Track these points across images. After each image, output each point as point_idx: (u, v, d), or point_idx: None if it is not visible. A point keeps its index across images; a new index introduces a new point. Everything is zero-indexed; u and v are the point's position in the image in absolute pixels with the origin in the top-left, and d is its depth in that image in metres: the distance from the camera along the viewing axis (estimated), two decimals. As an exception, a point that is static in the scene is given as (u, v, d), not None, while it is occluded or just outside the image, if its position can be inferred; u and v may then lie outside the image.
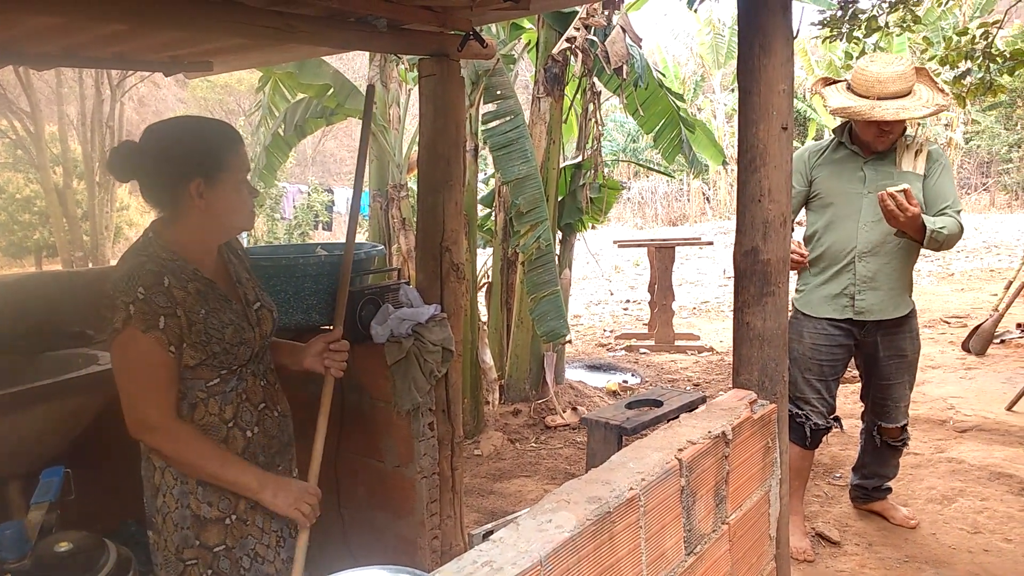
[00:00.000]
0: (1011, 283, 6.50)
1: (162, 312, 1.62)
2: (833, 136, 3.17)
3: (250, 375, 1.83)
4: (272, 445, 1.87)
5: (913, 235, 2.87)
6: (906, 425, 3.26)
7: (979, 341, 6.31)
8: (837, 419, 3.28)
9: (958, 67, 5.25)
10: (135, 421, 1.64)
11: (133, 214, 18.06)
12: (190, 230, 1.73)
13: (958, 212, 2.98)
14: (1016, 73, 5.09)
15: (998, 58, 4.94)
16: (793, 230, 2.15)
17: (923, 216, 2.81)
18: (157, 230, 1.73)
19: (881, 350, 3.14)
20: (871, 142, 3.02)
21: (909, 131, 3.11)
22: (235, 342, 1.75)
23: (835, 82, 3.15)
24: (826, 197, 3.10)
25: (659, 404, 3.53)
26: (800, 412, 3.17)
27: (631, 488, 1.34)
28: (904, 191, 2.75)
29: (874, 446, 3.33)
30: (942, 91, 3.00)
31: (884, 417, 3.24)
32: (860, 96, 2.96)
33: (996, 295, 7.03)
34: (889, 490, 3.48)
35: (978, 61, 5.02)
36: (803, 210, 3.26)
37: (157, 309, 1.62)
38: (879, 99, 2.91)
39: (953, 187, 3.05)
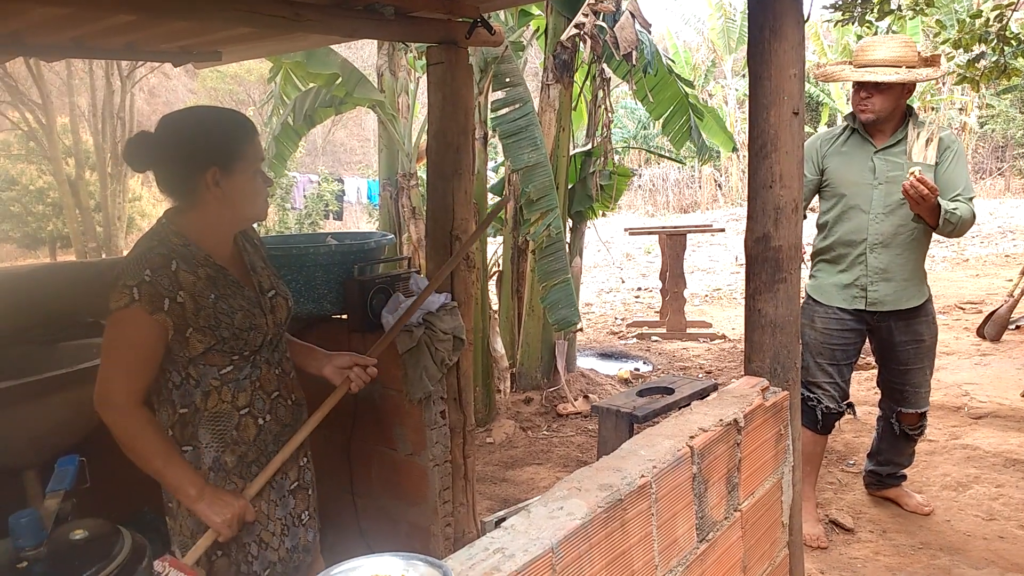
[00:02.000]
0: (1026, 268, 6.44)
1: (167, 295, 1.63)
2: (844, 123, 3.15)
3: (264, 363, 1.84)
4: (284, 433, 1.88)
5: (929, 218, 2.86)
6: (926, 412, 3.23)
7: (994, 327, 6.26)
8: (851, 405, 3.26)
9: (972, 50, 5.19)
10: (100, 395, 1.66)
11: (145, 204, 18.15)
12: (205, 219, 1.74)
13: (971, 199, 2.95)
14: (1031, 56, 5.03)
15: (1012, 41, 4.88)
16: (805, 217, 2.13)
17: (937, 198, 2.80)
18: (171, 217, 1.75)
19: (896, 335, 3.12)
20: (856, 111, 3.03)
21: (922, 118, 3.08)
22: (245, 327, 1.75)
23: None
24: (837, 187, 3.08)
25: (670, 392, 3.52)
26: (812, 396, 3.15)
27: (642, 475, 1.34)
28: (917, 176, 2.75)
29: (892, 434, 3.30)
30: (933, 69, 2.97)
31: (903, 403, 3.20)
32: (848, 65, 3.03)
33: (1011, 281, 6.96)
34: (904, 477, 3.46)
35: (992, 44, 4.96)
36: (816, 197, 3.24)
37: (162, 291, 1.63)
38: (861, 66, 2.96)
39: (966, 174, 3.01)
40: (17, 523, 1.03)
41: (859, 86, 2.98)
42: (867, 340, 3.25)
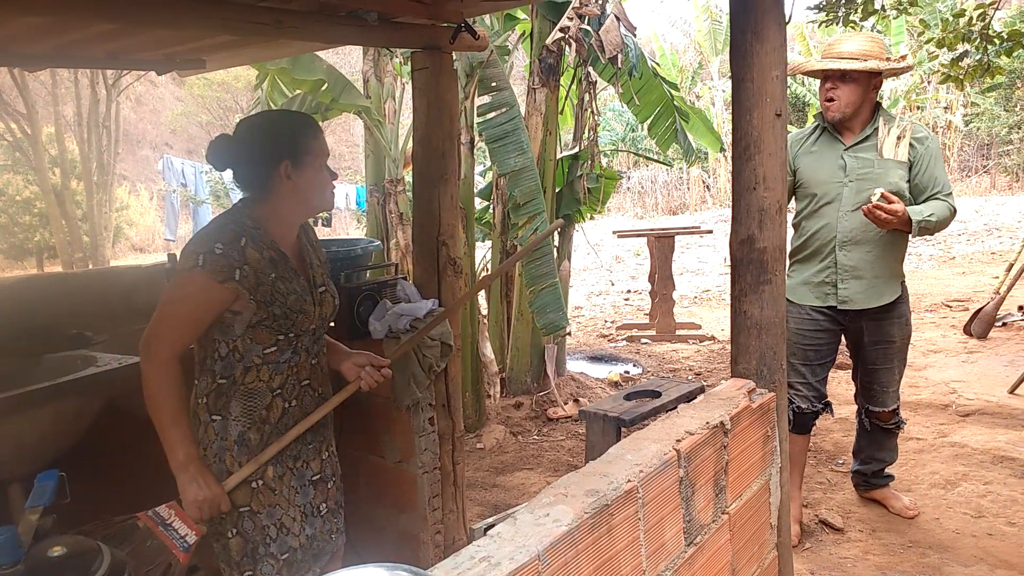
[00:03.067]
0: (1012, 265, 6.48)
1: (236, 266, 1.79)
2: (815, 122, 3.14)
3: (304, 351, 1.96)
4: None
5: (902, 228, 2.85)
6: (897, 409, 3.24)
7: (981, 324, 6.30)
8: (827, 404, 3.26)
9: (956, 49, 5.23)
10: (146, 341, 1.80)
11: (132, 214, 18.04)
12: (277, 208, 1.92)
13: (948, 195, 2.94)
14: (1014, 54, 5.07)
15: (995, 39, 4.91)
16: None
17: (908, 209, 2.79)
18: (245, 203, 1.93)
19: (867, 335, 3.12)
20: (822, 108, 3.03)
21: (893, 113, 3.08)
22: (296, 309, 1.90)
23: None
24: (809, 187, 3.06)
25: (658, 395, 3.51)
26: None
27: (629, 480, 1.34)
28: (882, 196, 2.76)
29: (865, 429, 3.33)
30: (897, 67, 2.96)
31: (872, 401, 3.23)
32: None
33: (997, 278, 7.01)
34: (891, 477, 3.46)
35: (975, 43, 4.99)
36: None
37: (233, 262, 1.79)
38: (827, 58, 2.97)
39: (942, 170, 3.00)
40: (-6, 540, 1.02)
41: (825, 78, 2.99)
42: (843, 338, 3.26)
